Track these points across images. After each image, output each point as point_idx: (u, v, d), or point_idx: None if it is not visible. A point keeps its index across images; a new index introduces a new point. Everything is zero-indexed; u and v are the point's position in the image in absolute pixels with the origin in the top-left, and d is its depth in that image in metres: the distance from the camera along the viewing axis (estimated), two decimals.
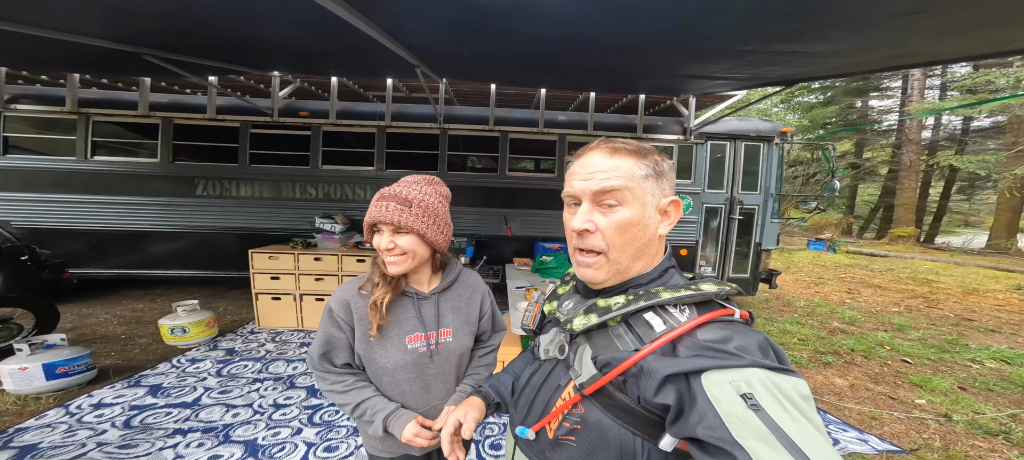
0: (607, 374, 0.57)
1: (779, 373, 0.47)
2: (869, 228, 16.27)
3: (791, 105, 16.23)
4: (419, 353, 0.95)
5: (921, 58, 2.06)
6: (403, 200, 0.90)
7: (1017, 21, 1.33)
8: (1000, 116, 12.14)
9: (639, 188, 0.61)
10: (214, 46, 2.45)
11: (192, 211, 4.14)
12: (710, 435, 0.44)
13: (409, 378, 0.95)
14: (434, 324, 0.98)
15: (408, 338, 0.95)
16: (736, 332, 0.53)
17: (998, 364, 3.47)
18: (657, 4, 1.41)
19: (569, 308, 0.70)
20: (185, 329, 3.26)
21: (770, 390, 0.45)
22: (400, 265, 0.92)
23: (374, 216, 0.90)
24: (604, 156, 0.62)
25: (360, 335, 0.93)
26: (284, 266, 3.64)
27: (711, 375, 0.47)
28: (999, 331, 4.45)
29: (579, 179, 0.63)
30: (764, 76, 2.56)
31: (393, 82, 4.08)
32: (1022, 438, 2.27)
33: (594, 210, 0.62)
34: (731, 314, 0.56)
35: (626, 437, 0.55)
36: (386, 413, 0.92)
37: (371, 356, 0.94)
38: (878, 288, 6.63)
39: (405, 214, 0.89)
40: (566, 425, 0.61)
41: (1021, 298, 6.04)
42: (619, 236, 0.61)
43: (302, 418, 2.32)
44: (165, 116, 4.02)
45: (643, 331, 0.57)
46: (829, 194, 4.64)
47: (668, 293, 0.58)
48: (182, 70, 2.89)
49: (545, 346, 0.70)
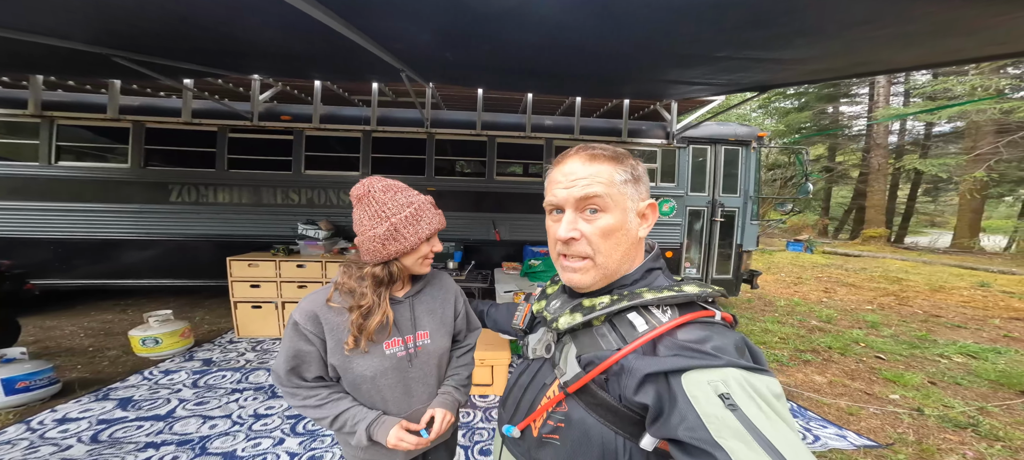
0: (589, 372, 0.57)
1: (753, 373, 0.48)
2: (843, 229, 16.92)
3: (769, 110, 16.84)
4: (398, 358, 0.94)
5: (880, 66, 2.17)
6: (434, 204, 0.99)
7: (964, 32, 1.42)
8: (959, 122, 12.85)
9: (619, 194, 0.62)
10: (190, 48, 2.38)
11: (166, 218, 4.00)
12: (691, 436, 0.45)
13: (390, 384, 0.93)
14: (410, 328, 0.97)
15: (386, 344, 0.92)
16: (714, 332, 0.54)
17: (965, 358, 3.64)
18: (637, 11, 1.45)
19: (556, 307, 0.71)
20: (158, 340, 3.13)
21: (746, 389, 0.46)
22: (428, 265, 0.99)
23: (439, 224, 0.98)
24: (583, 163, 0.63)
25: (333, 346, 0.89)
26: (265, 274, 3.54)
27: (691, 375, 0.48)
28: (965, 327, 4.67)
29: (561, 187, 0.64)
30: (739, 82, 2.64)
31: (379, 86, 4.05)
32: (989, 431, 2.38)
33: (578, 217, 0.63)
34: (711, 316, 0.56)
35: (608, 435, 0.56)
36: (368, 421, 0.89)
37: (348, 366, 0.90)
38: (852, 287, 6.88)
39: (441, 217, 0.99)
40: (550, 423, 0.62)
41: (984, 295, 6.36)
42: (604, 241, 0.62)
43: (284, 428, 2.25)
44: (136, 120, 3.88)
45: (626, 331, 0.58)
46: (803, 196, 4.82)
47: (651, 294, 0.59)
48: (155, 73, 2.79)
49: (533, 345, 0.71)
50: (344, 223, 4.19)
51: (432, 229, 0.95)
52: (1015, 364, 3.43)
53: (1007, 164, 11.64)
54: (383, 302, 0.91)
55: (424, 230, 0.93)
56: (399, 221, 0.91)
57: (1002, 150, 10.93)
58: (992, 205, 15.89)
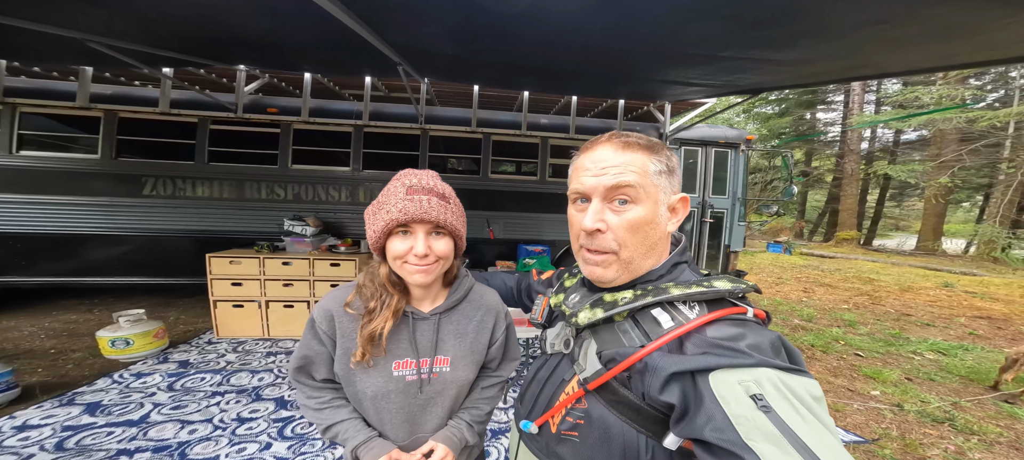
0: (611, 370, 0.55)
1: (790, 373, 0.45)
2: (817, 231, 17.59)
3: (751, 115, 17.39)
4: (407, 382, 0.81)
5: (871, 70, 2.24)
6: (441, 195, 0.77)
7: (965, 35, 1.47)
8: (924, 130, 13.56)
9: (652, 185, 0.58)
10: (173, 36, 2.25)
11: (138, 212, 3.79)
12: (718, 437, 0.42)
13: (391, 409, 0.82)
14: (429, 350, 0.83)
15: (395, 363, 0.81)
16: (748, 330, 0.51)
17: (936, 355, 3.82)
18: (652, 9, 1.44)
19: (575, 301, 0.67)
20: (129, 341, 2.95)
21: (781, 391, 0.43)
22: (431, 274, 0.78)
23: (410, 212, 0.73)
24: (615, 150, 0.59)
25: (341, 353, 0.81)
26: (248, 271, 3.38)
27: (719, 374, 0.46)
28: (933, 325, 4.91)
29: (589, 174, 0.60)
30: (734, 83, 2.69)
31: (372, 80, 3.94)
32: (964, 425, 2.48)
33: (605, 208, 0.59)
34: (743, 312, 0.54)
35: (630, 434, 0.54)
36: (358, 441, 0.80)
37: (350, 378, 0.82)
38: (829, 287, 7.14)
39: (447, 211, 0.76)
40: (569, 420, 0.60)
41: (949, 294, 6.71)
42: (632, 235, 0.59)
43: (271, 432, 2.15)
44: (108, 109, 3.65)
45: (650, 327, 0.56)
46: (787, 198, 4.97)
47: (678, 290, 0.56)
48: (134, 61, 2.63)
49: (551, 340, 0.70)
50: (333, 219, 4.06)
51: (389, 220, 0.73)
52: (982, 360, 3.62)
53: (968, 171, 12.35)
54: (385, 310, 0.79)
55: (380, 220, 0.75)
56: (371, 207, 0.80)
57: (965, 157, 11.57)
58: (951, 210, 16.82)
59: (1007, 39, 1.50)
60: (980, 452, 2.21)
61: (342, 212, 4.09)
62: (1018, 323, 5.07)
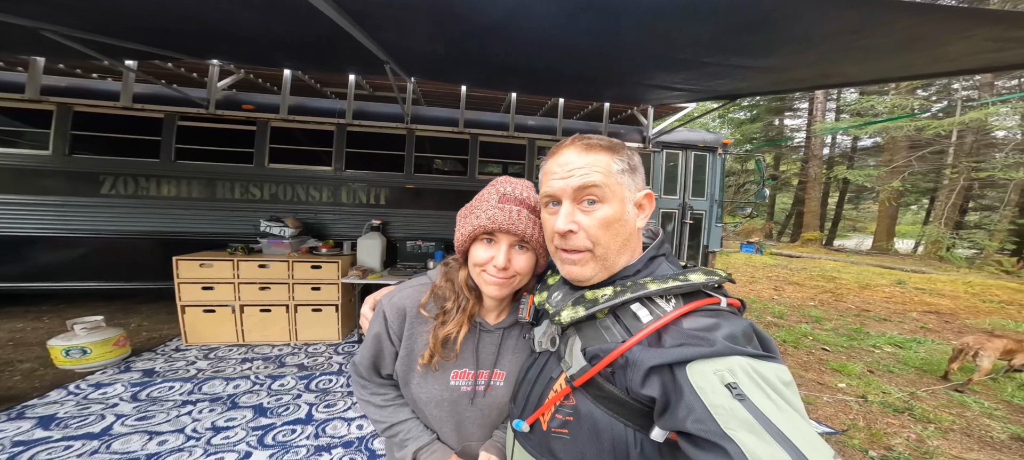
0: (595, 366, 0.56)
1: (761, 360, 0.47)
2: (785, 232, 18.50)
3: (726, 120, 18.15)
4: (461, 392, 0.80)
5: (839, 79, 2.38)
6: (532, 207, 0.74)
7: (924, 48, 1.59)
8: (879, 137, 14.52)
9: (617, 183, 0.61)
10: (138, 26, 2.10)
11: (95, 212, 3.53)
12: (700, 428, 0.44)
13: (441, 416, 0.81)
14: (489, 363, 0.81)
15: (454, 373, 0.79)
16: (722, 320, 0.52)
17: (893, 348, 4.09)
18: (641, 14, 1.47)
19: (557, 300, 0.69)
20: (86, 350, 2.75)
21: (753, 378, 0.45)
22: (507, 288, 0.75)
23: (498, 221, 0.71)
24: (579, 153, 0.61)
25: (404, 354, 0.80)
26: (220, 274, 3.21)
27: (696, 365, 0.47)
28: (889, 320, 5.25)
29: (557, 178, 0.62)
30: (715, 89, 2.78)
31: (356, 79, 3.83)
32: (921, 414, 2.67)
33: (575, 209, 0.61)
34: (717, 303, 0.55)
35: (618, 428, 0.55)
36: (420, 444, 0.80)
37: (407, 379, 0.81)
38: (797, 285, 7.52)
39: (535, 226, 0.73)
40: (559, 417, 0.61)
41: (902, 291, 7.21)
42: (603, 233, 0.61)
43: (251, 441, 2.05)
44: (62, 102, 3.39)
45: (630, 322, 0.57)
46: (760, 200, 5.20)
47: (656, 284, 0.57)
48: (93, 51, 2.44)
49: (539, 338, 0.71)
50: (313, 220, 3.92)
51: (477, 225, 0.72)
52: (933, 353, 3.90)
53: (917, 176, 13.33)
54: (460, 314, 0.77)
55: (469, 225, 0.74)
56: (463, 209, 0.79)
57: (914, 163, 12.47)
58: (901, 212, 18.10)
59: (958, 52, 1.63)
60: (937, 439, 2.38)
61: (323, 213, 3.95)
62: (963, 317, 5.51)
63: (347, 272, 3.43)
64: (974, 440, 2.39)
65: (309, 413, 2.34)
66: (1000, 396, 3.00)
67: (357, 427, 2.22)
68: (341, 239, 3.89)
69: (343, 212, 4.00)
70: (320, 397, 2.52)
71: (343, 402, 2.48)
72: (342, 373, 2.88)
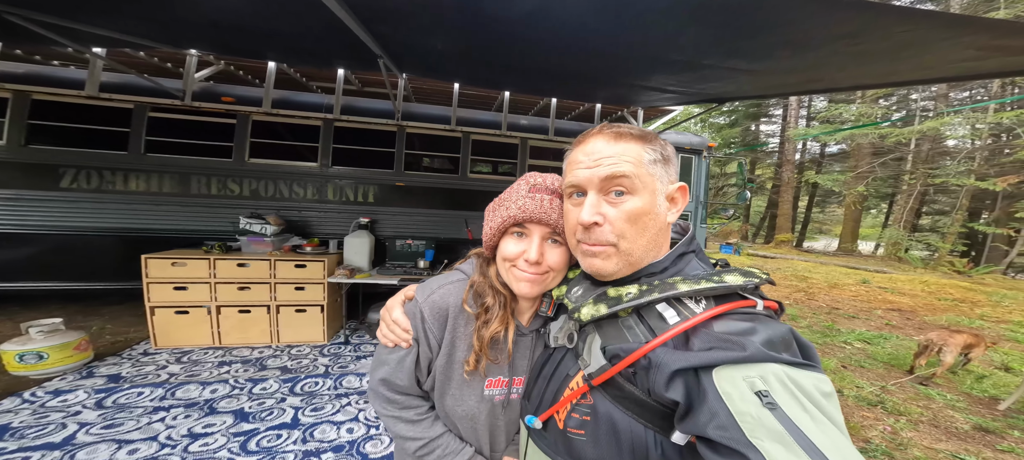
0: (616, 365, 0.54)
1: (799, 368, 0.44)
2: (760, 234, 19.26)
3: (707, 124, 18.74)
4: (495, 402, 0.75)
5: (826, 84, 2.47)
6: (545, 190, 0.70)
7: (911, 54, 1.67)
8: (845, 145, 15.33)
9: (648, 175, 0.58)
10: (110, 11, 1.95)
11: (53, 207, 3.29)
12: (722, 435, 0.42)
13: (477, 429, 0.76)
14: (523, 368, 0.76)
15: (488, 382, 0.74)
16: (758, 324, 0.49)
17: (862, 344, 4.31)
18: (641, 14, 1.47)
19: (578, 295, 0.66)
20: (42, 354, 2.55)
21: (787, 387, 0.42)
22: (539, 286, 0.70)
23: (529, 211, 0.66)
24: (608, 141, 0.58)
25: (443, 361, 0.72)
26: (195, 274, 3.04)
27: (723, 370, 0.45)
28: (857, 317, 5.54)
29: (583, 167, 0.59)
30: (705, 91, 2.84)
31: (344, 73, 3.71)
32: (892, 407, 2.82)
33: (602, 201, 0.58)
34: (753, 305, 0.52)
35: (637, 429, 0.53)
36: (465, 458, 0.74)
37: (443, 390, 0.74)
38: (772, 285, 7.83)
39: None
40: (575, 417, 0.59)
41: (867, 290, 7.61)
42: (631, 226, 0.57)
43: (232, 447, 1.95)
44: (18, 90, 3.13)
45: (655, 323, 0.54)
46: (741, 203, 5.38)
47: (686, 285, 0.54)
48: (58, 36, 2.26)
49: (554, 334, 0.68)
50: (297, 218, 3.77)
51: (507, 216, 0.67)
52: (899, 348, 4.14)
53: (878, 181, 14.14)
54: (503, 310, 0.71)
55: (498, 217, 0.70)
56: (492, 203, 0.74)
57: (877, 169, 13.22)
58: (863, 215, 19.19)
59: (941, 60, 1.72)
60: (909, 432, 2.52)
61: (308, 210, 3.81)
62: (922, 314, 5.88)
63: (333, 271, 3.32)
64: (942, 431, 2.54)
65: (295, 417, 2.24)
66: (960, 388, 3.21)
67: (347, 430, 2.14)
68: (327, 237, 3.77)
69: (329, 210, 3.87)
70: (306, 400, 2.42)
71: (331, 405, 2.39)
72: (329, 375, 2.78)
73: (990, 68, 1.69)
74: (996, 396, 3.05)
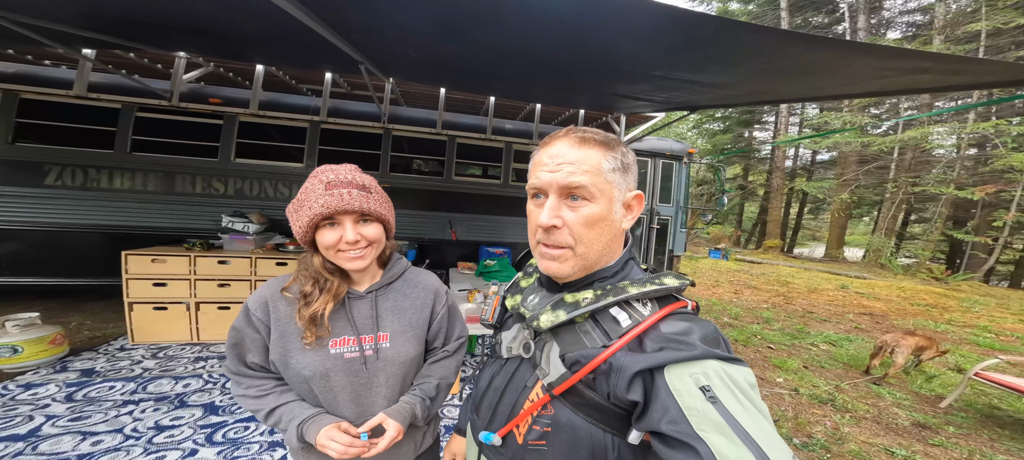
0: (577, 372, 0.55)
1: (730, 363, 0.49)
2: (751, 239, 19.49)
3: (701, 130, 19.03)
4: (345, 359, 0.83)
5: (771, 96, 2.66)
6: (361, 186, 0.82)
7: (821, 72, 1.82)
8: (834, 152, 15.60)
9: (606, 183, 0.59)
10: (99, 15, 2.04)
11: (37, 204, 3.33)
12: (673, 429, 0.45)
13: (335, 388, 0.83)
14: (369, 327, 0.86)
15: (333, 341, 0.83)
16: (694, 323, 0.54)
17: (828, 346, 4.45)
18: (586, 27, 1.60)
19: (534, 303, 0.66)
20: (17, 348, 2.60)
21: (724, 381, 0.46)
22: (367, 258, 0.83)
23: (333, 206, 0.77)
24: (572, 146, 0.59)
25: (276, 337, 0.82)
26: (174, 270, 3.11)
27: (673, 368, 0.48)
28: (829, 320, 5.69)
29: (546, 170, 0.60)
30: (673, 100, 2.99)
31: (332, 76, 3.80)
32: (842, 404, 2.96)
33: (561, 204, 0.59)
34: (686, 306, 0.57)
35: (597, 434, 0.55)
36: (303, 416, 0.81)
37: (286, 361, 0.82)
38: (754, 289, 7.98)
39: (369, 199, 0.82)
40: (536, 429, 0.59)
41: (844, 295, 7.79)
42: (588, 231, 0.59)
43: (198, 438, 2.02)
44: (8, 88, 3.21)
45: (610, 326, 0.56)
46: (719, 209, 5.52)
47: (634, 288, 0.57)
48: (48, 39, 2.34)
49: (507, 344, 0.68)
50: (281, 217, 3.85)
51: (313, 215, 0.78)
52: (860, 349, 4.28)
53: (864, 189, 14.39)
54: (325, 294, 0.83)
55: (304, 216, 0.79)
56: (292, 205, 0.84)
57: (862, 177, 13.47)
58: (854, 223, 19.49)
59: (853, 76, 1.87)
60: (850, 427, 2.64)
61: None
62: (892, 317, 6.04)
63: None
64: (882, 427, 2.67)
65: None
66: (911, 387, 3.35)
67: None
68: None
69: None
70: None
71: None
72: None
73: (897, 86, 1.83)
74: (942, 394, 3.19)
